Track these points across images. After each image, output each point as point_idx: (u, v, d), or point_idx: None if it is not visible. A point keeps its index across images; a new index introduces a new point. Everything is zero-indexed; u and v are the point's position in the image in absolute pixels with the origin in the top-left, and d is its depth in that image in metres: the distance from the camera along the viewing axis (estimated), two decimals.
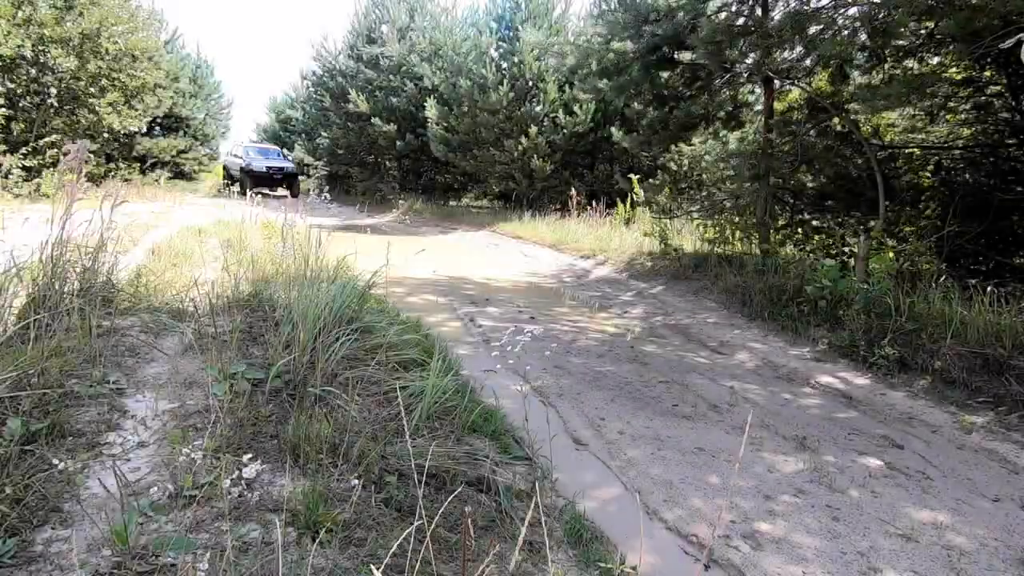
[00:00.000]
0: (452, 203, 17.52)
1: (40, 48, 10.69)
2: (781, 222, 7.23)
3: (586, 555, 1.97)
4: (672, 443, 2.93)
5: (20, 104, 10.88)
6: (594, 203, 11.05)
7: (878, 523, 2.31)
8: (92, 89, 11.80)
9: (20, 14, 10.34)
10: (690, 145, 8.25)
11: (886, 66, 5.74)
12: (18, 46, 10.11)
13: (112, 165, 14.34)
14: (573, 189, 11.46)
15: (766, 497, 2.46)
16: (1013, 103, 5.87)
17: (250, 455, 1.97)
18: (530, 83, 12.81)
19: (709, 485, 2.55)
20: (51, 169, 10.44)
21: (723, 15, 6.24)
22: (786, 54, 6.24)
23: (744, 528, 2.24)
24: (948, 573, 2.04)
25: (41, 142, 10.51)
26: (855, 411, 3.46)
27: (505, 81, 12.56)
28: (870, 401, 3.61)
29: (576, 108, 12.10)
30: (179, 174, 19.43)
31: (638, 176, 9.61)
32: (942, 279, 4.58)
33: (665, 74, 7.18)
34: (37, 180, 10.48)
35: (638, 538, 2.16)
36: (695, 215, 8.52)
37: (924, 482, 2.65)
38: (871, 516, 2.36)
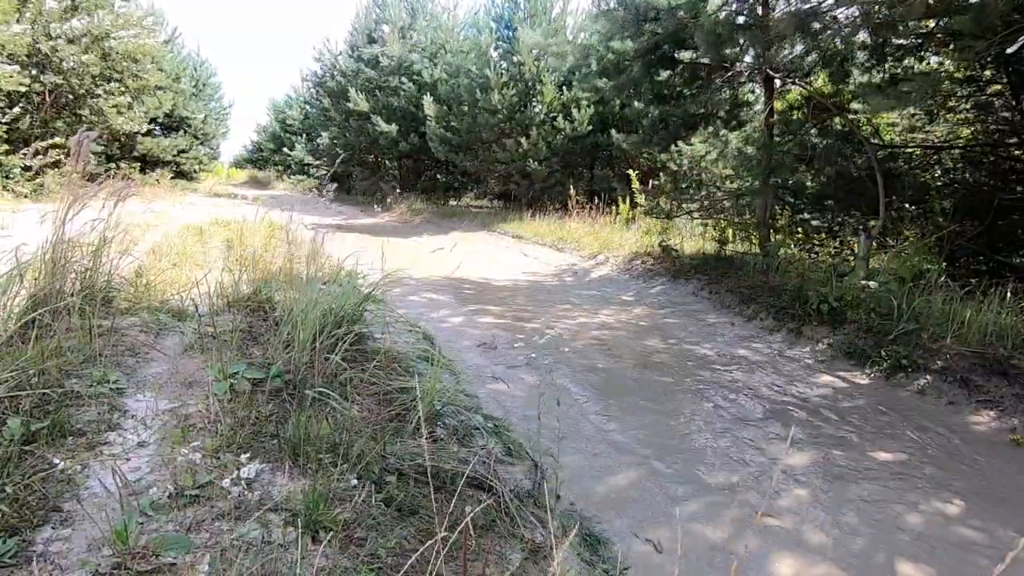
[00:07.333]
0: (452, 203, 17.50)
1: (50, 46, 10.71)
2: (781, 222, 7.22)
3: (587, 555, 1.97)
4: (671, 442, 2.93)
5: (21, 103, 10.89)
6: (594, 203, 11.05)
7: (881, 522, 2.31)
8: (99, 90, 11.83)
9: (28, 13, 10.35)
10: (690, 144, 8.24)
11: (887, 65, 5.73)
12: (31, 43, 10.10)
13: (112, 165, 14.36)
14: (573, 189, 11.45)
15: (771, 494, 2.46)
16: (1014, 102, 5.86)
17: (250, 455, 1.97)
18: (530, 84, 12.80)
19: (714, 483, 2.55)
20: (54, 168, 10.46)
21: (723, 14, 6.23)
22: (786, 52, 6.24)
23: (750, 522, 2.24)
24: (955, 565, 2.04)
25: (43, 143, 10.54)
26: (856, 410, 3.46)
27: (507, 82, 12.54)
28: (871, 401, 3.61)
29: (574, 111, 12.09)
30: (179, 174, 19.42)
31: (637, 173, 9.60)
32: (942, 279, 4.58)
33: (665, 73, 7.17)
34: (40, 179, 10.49)
35: (636, 537, 2.16)
36: (695, 215, 8.52)
37: (925, 482, 2.65)
38: (874, 515, 2.36)
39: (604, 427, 3.07)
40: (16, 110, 10.63)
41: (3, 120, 10.56)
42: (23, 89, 10.20)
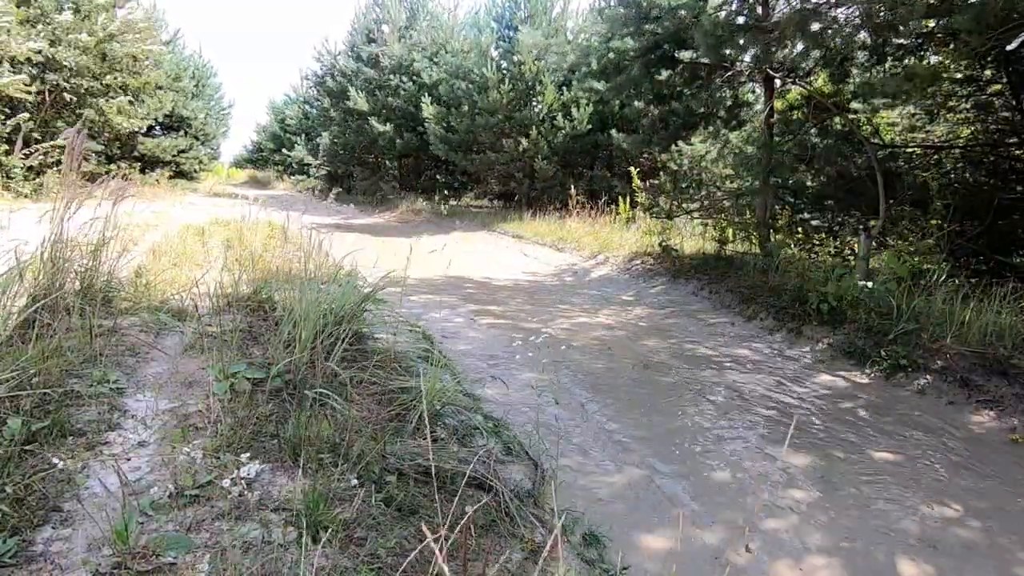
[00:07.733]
0: (452, 202, 17.49)
1: (52, 49, 10.72)
2: (781, 222, 7.23)
3: (587, 554, 1.97)
4: (671, 441, 2.93)
5: (24, 104, 10.89)
6: (594, 203, 11.04)
7: (881, 522, 2.31)
8: (99, 84, 11.84)
9: (37, 26, 10.38)
10: (690, 144, 8.25)
11: (887, 64, 5.73)
12: (36, 51, 10.11)
13: (113, 165, 14.36)
14: (573, 189, 11.45)
15: (772, 492, 2.46)
16: (1014, 102, 5.86)
17: (250, 454, 1.97)
18: (530, 84, 12.79)
19: (714, 483, 2.55)
20: (55, 168, 10.46)
21: (723, 14, 6.23)
22: (786, 51, 6.24)
23: (750, 523, 2.24)
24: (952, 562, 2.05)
25: (44, 145, 10.53)
26: (856, 410, 3.46)
27: (506, 80, 12.53)
28: (871, 400, 3.61)
29: (574, 110, 12.09)
30: (179, 174, 19.39)
31: (638, 172, 9.59)
32: (943, 278, 4.58)
33: (665, 73, 7.18)
34: (40, 179, 10.49)
35: (637, 537, 2.16)
36: (695, 215, 8.52)
37: (925, 481, 2.65)
38: (874, 515, 2.36)
39: (604, 427, 3.07)
40: (24, 115, 10.64)
41: (7, 122, 10.57)
42: (28, 97, 10.22)
